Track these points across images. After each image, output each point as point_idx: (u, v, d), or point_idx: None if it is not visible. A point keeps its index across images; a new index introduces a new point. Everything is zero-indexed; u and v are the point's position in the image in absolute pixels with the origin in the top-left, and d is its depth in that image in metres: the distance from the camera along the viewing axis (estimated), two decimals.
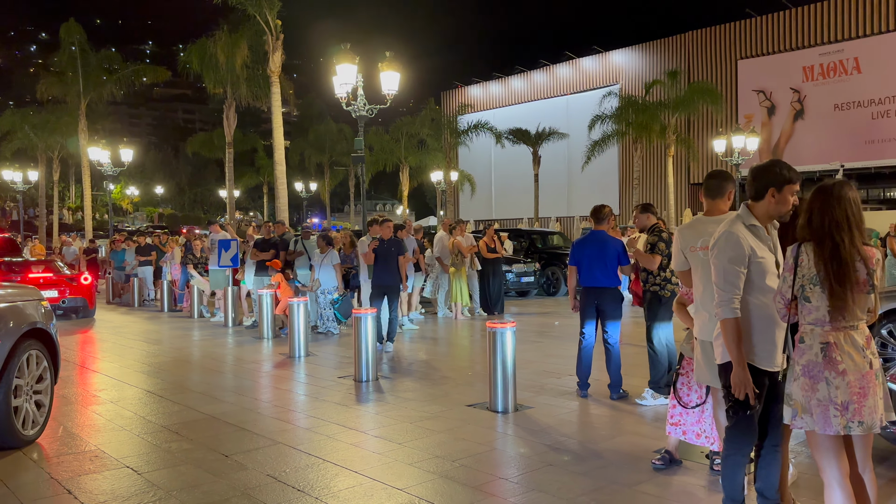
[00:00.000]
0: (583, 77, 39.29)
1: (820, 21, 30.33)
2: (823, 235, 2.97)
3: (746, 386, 3.16)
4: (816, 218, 3.01)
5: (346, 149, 44.07)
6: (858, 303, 2.95)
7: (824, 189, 3.05)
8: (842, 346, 2.94)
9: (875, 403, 2.93)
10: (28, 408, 5.28)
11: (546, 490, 4.26)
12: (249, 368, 8.62)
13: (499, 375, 6.11)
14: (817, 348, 2.97)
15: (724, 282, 3.22)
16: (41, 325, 5.46)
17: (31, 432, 5.30)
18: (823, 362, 2.95)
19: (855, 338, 2.96)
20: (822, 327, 2.98)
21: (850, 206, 2.99)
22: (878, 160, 29.16)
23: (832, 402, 2.92)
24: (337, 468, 4.71)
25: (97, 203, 53.39)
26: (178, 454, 5.07)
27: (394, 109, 24.56)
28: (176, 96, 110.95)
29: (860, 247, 2.96)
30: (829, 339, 2.96)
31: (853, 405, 2.90)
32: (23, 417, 5.20)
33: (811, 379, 2.97)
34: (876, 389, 2.93)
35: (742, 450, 3.35)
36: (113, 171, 26.67)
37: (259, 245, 12.10)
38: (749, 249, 3.22)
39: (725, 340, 3.21)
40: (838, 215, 2.97)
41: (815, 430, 2.98)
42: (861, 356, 2.94)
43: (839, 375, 2.92)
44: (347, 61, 13.58)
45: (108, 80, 32.31)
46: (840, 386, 2.92)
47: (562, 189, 38.72)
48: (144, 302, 17.07)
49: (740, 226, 3.28)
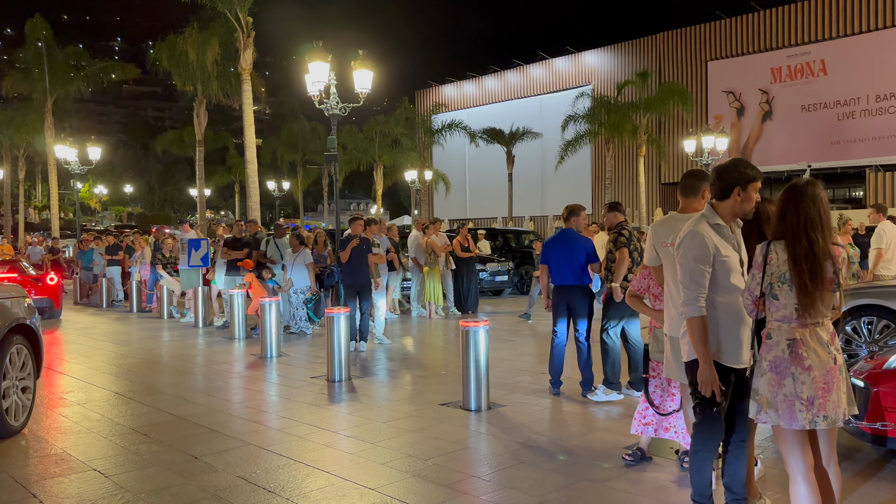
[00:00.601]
0: (556, 77, 39.52)
1: (787, 23, 30.86)
2: (799, 233, 3.02)
3: (713, 383, 3.20)
4: (791, 216, 3.05)
5: (320, 147, 43.82)
6: (825, 300, 3.01)
7: (797, 188, 3.09)
8: (808, 343, 3.00)
9: (839, 398, 2.99)
10: (15, 399, 5.54)
11: (518, 487, 4.28)
12: (220, 369, 8.53)
13: (472, 374, 6.12)
14: (784, 344, 3.03)
15: (689, 280, 3.25)
16: (25, 320, 5.73)
17: (18, 422, 5.57)
18: (790, 358, 3.01)
19: (820, 334, 3.02)
20: (788, 324, 3.04)
21: (822, 205, 3.04)
22: (843, 160, 29.78)
23: (798, 398, 2.98)
24: (309, 469, 4.69)
25: (64, 202, 52.49)
26: (146, 456, 5.00)
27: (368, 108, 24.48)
28: (145, 94, 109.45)
29: (829, 245, 3.02)
30: (795, 335, 3.02)
31: (818, 400, 2.96)
32: (11, 408, 5.45)
33: (778, 374, 3.03)
34: (840, 384, 3.00)
35: (709, 446, 3.39)
36: (80, 169, 26.18)
37: (229, 244, 11.94)
38: (714, 248, 3.26)
39: (692, 339, 3.25)
40: (812, 213, 3.02)
41: (780, 425, 3.03)
42: (826, 352, 3.00)
43: (805, 371, 2.98)
44: (320, 59, 13.48)
45: (76, 77, 31.74)
46: (806, 381, 2.97)
47: (535, 188, 38.92)
48: (113, 303, 16.80)
49: (705, 225, 3.32)
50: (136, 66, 34.47)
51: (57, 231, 31.40)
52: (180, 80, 25.50)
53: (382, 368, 8.39)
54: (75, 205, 31.13)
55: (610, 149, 29.74)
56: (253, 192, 21.95)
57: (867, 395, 4.50)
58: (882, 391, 4.44)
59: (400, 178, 41.65)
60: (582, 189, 36.55)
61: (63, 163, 26.81)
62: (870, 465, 4.61)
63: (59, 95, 31.39)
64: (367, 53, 14.12)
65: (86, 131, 54.60)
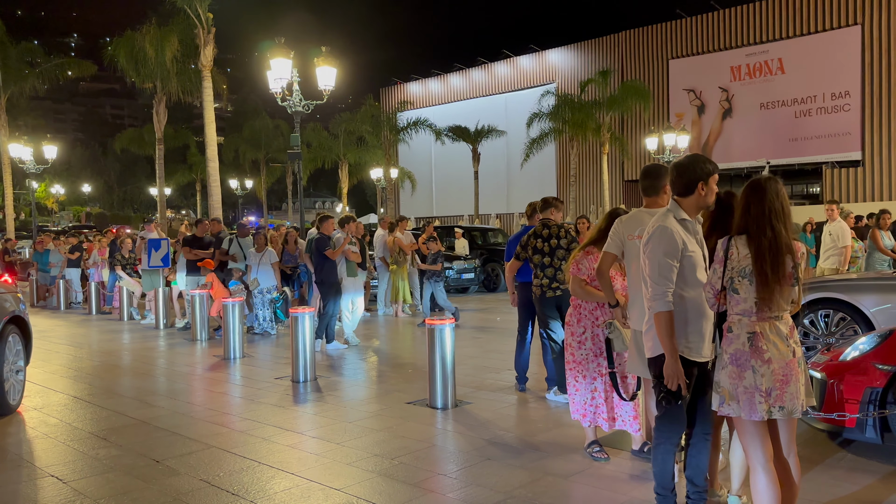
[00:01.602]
0: (520, 75, 39.71)
1: (746, 23, 31.44)
2: (764, 224, 3.08)
3: (679, 377, 3.24)
4: (756, 208, 3.11)
5: (283, 145, 43.42)
6: (784, 294, 3.08)
7: (759, 182, 3.16)
8: (767, 336, 3.06)
9: (797, 390, 3.06)
10: (13, 381, 6.32)
11: (484, 484, 4.28)
12: (182, 371, 8.39)
13: (438, 372, 6.11)
14: (744, 338, 3.09)
15: (658, 275, 3.28)
16: (18, 312, 6.49)
17: (16, 401, 6.37)
18: (750, 351, 3.07)
19: (780, 327, 3.09)
20: (749, 317, 3.10)
21: (784, 200, 3.13)
22: (800, 157, 30.46)
23: (757, 389, 3.04)
24: (273, 470, 4.63)
25: (20, 202, 51.09)
26: (106, 461, 4.89)
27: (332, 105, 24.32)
28: (103, 91, 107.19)
29: (790, 240, 3.08)
30: (755, 328, 3.08)
31: (775, 391, 3.03)
32: (10, 389, 6.22)
33: (738, 367, 3.09)
34: (798, 376, 3.07)
35: (671, 439, 3.44)
36: (36, 168, 25.55)
37: (189, 243, 11.72)
38: (682, 243, 3.31)
39: (659, 333, 3.28)
40: (776, 206, 3.09)
41: (741, 416, 3.09)
42: (785, 345, 3.07)
43: (765, 364, 3.04)
44: (282, 56, 13.35)
45: (30, 74, 30.89)
46: (765, 374, 3.03)
47: (501, 186, 39.08)
48: (71, 305, 16.42)
49: (672, 220, 3.36)
50: (92, 63, 33.70)
51: (12, 232, 30.55)
52: (139, 78, 25.01)
53: (348, 368, 8.34)
54: (31, 205, 30.32)
55: (574, 146, 29.99)
56: (214, 191, 21.64)
57: (824, 387, 4.60)
58: (838, 383, 4.55)
59: (366, 176, 41.39)
60: (547, 186, 36.79)
61: (18, 162, 26.12)
62: (825, 454, 4.71)
63: (14, 93, 30.49)
64: (330, 50, 14.02)
65: (41, 129, 53.27)
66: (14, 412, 6.28)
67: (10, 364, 6.26)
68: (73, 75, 35.85)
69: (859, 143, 28.85)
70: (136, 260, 13.59)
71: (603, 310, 4.72)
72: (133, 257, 13.81)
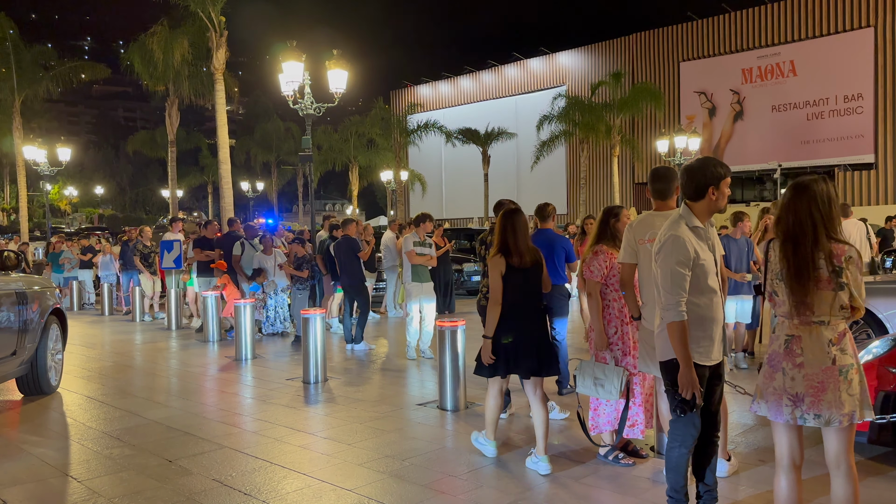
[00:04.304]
0: (530, 78, 39.70)
1: (758, 25, 31.31)
2: (788, 233, 3.02)
3: (693, 386, 3.25)
4: (783, 215, 3.06)
5: (294, 147, 43.61)
6: (822, 299, 2.94)
7: (795, 186, 3.08)
8: (805, 341, 2.99)
9: (836, 399, 2.92)
10: (52, 364, 7.17)
11: (495, 486, 4.29)
12: (194, 372, 8.44)
13: (448, 374, 6.12)
14: (782, 339, 3.05)
15: (671, 285, 3.26)
16: (57, 305, 7.36)
17: (56, 382, 7.29)
18: (783, 353, 3.03)
19: (823, 333, 2.97)
20: (790, 320, 3.05)
21: (814, 203, 2.98)
22: (813, 160, 30.27)
23: (786, 392, 3.00)
24: (285, 471, 4.66)
25: (33, 204, 51.53)
26: (119, 460, 4.93)
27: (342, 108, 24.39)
28: (116, 94, 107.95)
29: (825, 243, 2.95)
30: (794, 332, 3.02)
31: (809, 398, 2.95)
32: (51, 372, 7.12)
33: (771, 368, 3.07)
34: (839, 385, 2.93)
35: (686, 442, 3.43)
36: (50, 170, 25.73)
37: (200, 243, 11.76)
38: (693, 252, 3.30)
39: (672, 342, 3.27)
40: (802, 213, 2.99)
41: (768, 417, 3.08)
42: (823, 352, 2.95)
43: (795, 368, 2.98)
44: (294, 59, 13.39)
45: (44, 77, 31.15)
46: (796, 378, 2.97)
47: (511, 188, 39.00)
48: (84, 306, 16.54)
49: (684, 228, 3.34)
50: (106, 66, 33.95)
51: (26, 234, 30.81)
52: (152, 81, 25.17)
53: (359, 370, 8.36)
54: (45, 207, 30.55)
55: (584, 149, 29.93)
56: (226, 193, 21.75)
57: None
58: None
59: (376, 179, 41.51)
60: (557, 189, 36.77)
61: (32, 164, 26.32)
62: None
63: (28, 96, 30.78)
64: (341, 53, 14.05)
65: (55, 132, 53.69)
66: (54, 391, 7.19)
67: (51, 351, 7.12)
68: (86, 78, 36.12)
69: (872, 146, 28.66)
70: (154, 252, 13.61)
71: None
72: (153, 247, 13.79)
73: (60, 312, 7.47)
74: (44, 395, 7.02)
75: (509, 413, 5.95)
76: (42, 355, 6.93)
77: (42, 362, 6.94)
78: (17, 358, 6.42)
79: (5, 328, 6.19)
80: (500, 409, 4.83)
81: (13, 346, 6.32)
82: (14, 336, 6.34)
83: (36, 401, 6.91)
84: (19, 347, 6.43)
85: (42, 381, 6.98)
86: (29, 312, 6.63)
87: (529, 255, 4.57)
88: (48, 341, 7.04)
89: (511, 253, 4.53)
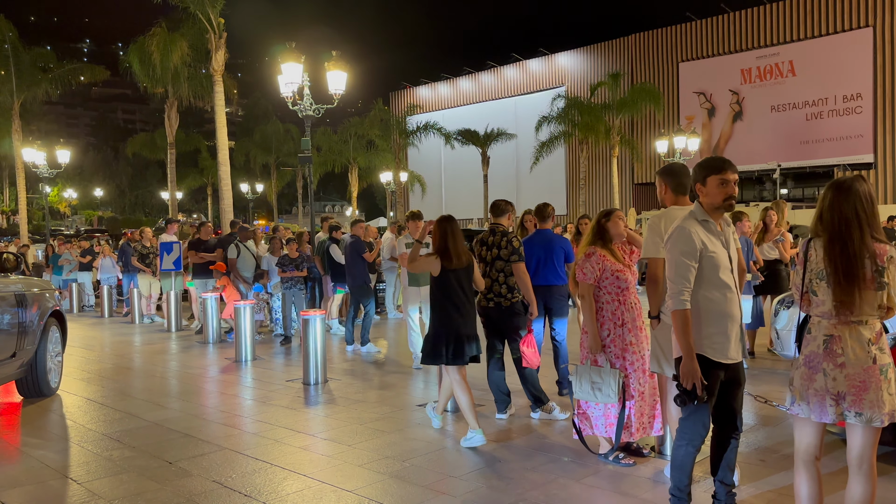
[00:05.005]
0: (530, 79, 39.73)
1: (757, 25, 31.35)
2: (834, 232, 2.99)
3: (694, 377, 3.24)
4: (827, 214, 3.02)
5: (293, 149, 43.59)
6: (866, 298, 2.94)
7: (836, 185, 3.06)
8: (845, 341, 2.96)
9: (878, 398, 2.91)
10: (52, 366, 7.19)
11: (496, 486, 4.29)
12: (194, 374, 8.44)
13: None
14: (821, 340, 3.02)
15: (675, 274, 3.31)
16: (57, 307, 7.39)
17: (55, 384, 7.28)
18: (823, 353, 3.00)
19: (862, 332, 2.97)
20: (828, 320, 3.02)
21: (859, 202, 2.98)
22: (812, 160, 30.32)
23: (828, 392, 2.96)
24: (285, 472, 4.65)
25: (33, 206, 51.52)
26: (119, 462, 4.93)
27: (342, 109, 24.39)
28: (115, 96, 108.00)
29: (869, 243, 2.95)
30: (833, 332, 2.99)
31: (850, 396, 2.93)
32: (51, 373, 7.13)
33: (810, 369, 3.03)
34: (881, 384, 2.92)
35: (694, 441, 3.40)
36: (49, 173, 25.74)
37: (194, 246, 11.73)
38: (700, 244, 3.32)
39: (675, 331, 3.29)
40: (848, 212, 2.97)
41: (811, 419, 3.03)
42: (864, 351, 2.94)
43: (837, 368, 2.96)
44: (293, 60, 13.40)
45: (43, 79, 31.13)
46: (837, 378, 2.95)
47: (510, 189, 39.07)
48: (84, 308, 16.52)
49: (693, 221, 3.38)
50: (105, 68, 33.95)
51: (25, 236, 30.80)
52: (151, 83, 25.16)
53: (359, 371, 8.36)
54: (44, 209, 30.53)
55: (584, 149, 29.96)
56: (226, 195, 21.74)
57: None
58: None
59: (375, 180, 41.51)
60: (557, 190, 36.80)
61: (31, 166, 26.33)
62: (841, 459, 4.68)
63: (27, 98, 30.75)
64: (340, 54, 14.06)
65: (54, 134, 53.77)
66: (54, 393, 7.20)
67: (51, 353, 7.17)
68: (85, 80, 36.08)
69: (871, 146, 28.69)
70: (153, 254, 13.58)
71: (626, 306, 4.68)
72: (152, 248, 13.76)
73: (60, 314, 7.52)
74: (43, 397, 7.02)
75: (509, 413, 5.95)
76: (42, 357, 6.96)
77: (42, 364, 6.96)
78: (16, 360, 6.43)
79: (5, 330, 6.19)
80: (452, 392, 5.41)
81: (13, 348, 6.32)
82: (14, 338, 6.33)
83: (35, 403, 6.91)
84: (19, 349, 6.43)
85: (42, 383, 7.00)
86: (28, 314, 6.63)
87: (466, 256, 5.26)
88: (48, 343, 7.07)
89: (450, 255, 5.18)
